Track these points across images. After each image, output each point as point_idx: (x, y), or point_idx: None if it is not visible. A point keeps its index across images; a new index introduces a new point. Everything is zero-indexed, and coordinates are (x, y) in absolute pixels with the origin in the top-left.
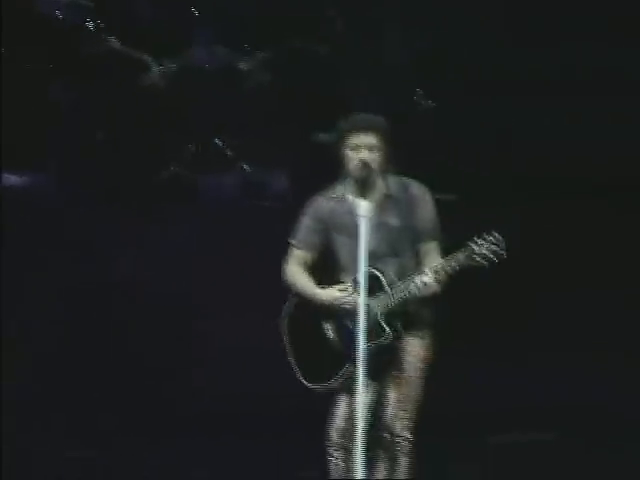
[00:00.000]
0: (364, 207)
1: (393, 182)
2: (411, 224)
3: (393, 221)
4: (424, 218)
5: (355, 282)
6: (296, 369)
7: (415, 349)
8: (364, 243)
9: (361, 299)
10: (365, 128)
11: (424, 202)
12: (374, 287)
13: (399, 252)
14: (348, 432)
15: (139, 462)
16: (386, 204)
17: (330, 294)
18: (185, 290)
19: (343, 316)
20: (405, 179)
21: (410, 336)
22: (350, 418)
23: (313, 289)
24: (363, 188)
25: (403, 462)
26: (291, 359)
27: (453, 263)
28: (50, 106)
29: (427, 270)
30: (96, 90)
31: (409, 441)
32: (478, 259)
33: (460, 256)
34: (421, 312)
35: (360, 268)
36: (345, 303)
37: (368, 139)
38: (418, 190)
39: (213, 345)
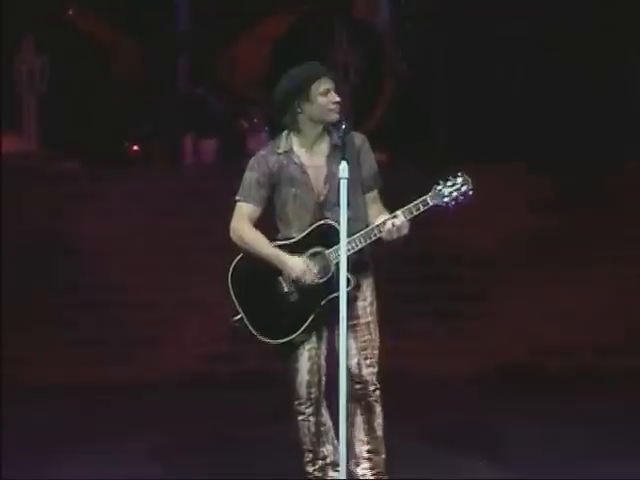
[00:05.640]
0: (344, 168)
1: (336, 133)
2: (357, 173)
3: None
4: (368, 167)
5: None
6: (249, 325)
7: (364, 294)
8: (344, 204)
9: (342, 259)
10: (329, 73)
11: (366, 151)
12: (331, 238)
13: (349, 201)
14: (315, 385)
15: None
16: (334, 155)
17: (298, 267)
18: None
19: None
20: None
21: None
22: (314, 371)
23: (277, 255)
24: (313, 139)
25: (378, 410)
26: (242, 316)
27: (421, 205)
28: None
29: (398, 212)
30: None
31: (379, 388)
32: (446, 199)
33: (427, 197)
34: (363, 257)
35: (342, 229)
36: (310, 280)
37: (333, 84)
38: (359, 140)
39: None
